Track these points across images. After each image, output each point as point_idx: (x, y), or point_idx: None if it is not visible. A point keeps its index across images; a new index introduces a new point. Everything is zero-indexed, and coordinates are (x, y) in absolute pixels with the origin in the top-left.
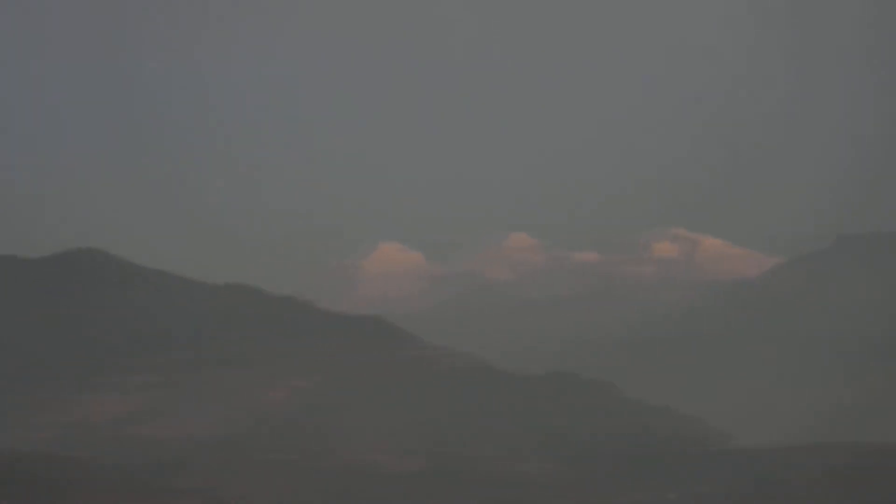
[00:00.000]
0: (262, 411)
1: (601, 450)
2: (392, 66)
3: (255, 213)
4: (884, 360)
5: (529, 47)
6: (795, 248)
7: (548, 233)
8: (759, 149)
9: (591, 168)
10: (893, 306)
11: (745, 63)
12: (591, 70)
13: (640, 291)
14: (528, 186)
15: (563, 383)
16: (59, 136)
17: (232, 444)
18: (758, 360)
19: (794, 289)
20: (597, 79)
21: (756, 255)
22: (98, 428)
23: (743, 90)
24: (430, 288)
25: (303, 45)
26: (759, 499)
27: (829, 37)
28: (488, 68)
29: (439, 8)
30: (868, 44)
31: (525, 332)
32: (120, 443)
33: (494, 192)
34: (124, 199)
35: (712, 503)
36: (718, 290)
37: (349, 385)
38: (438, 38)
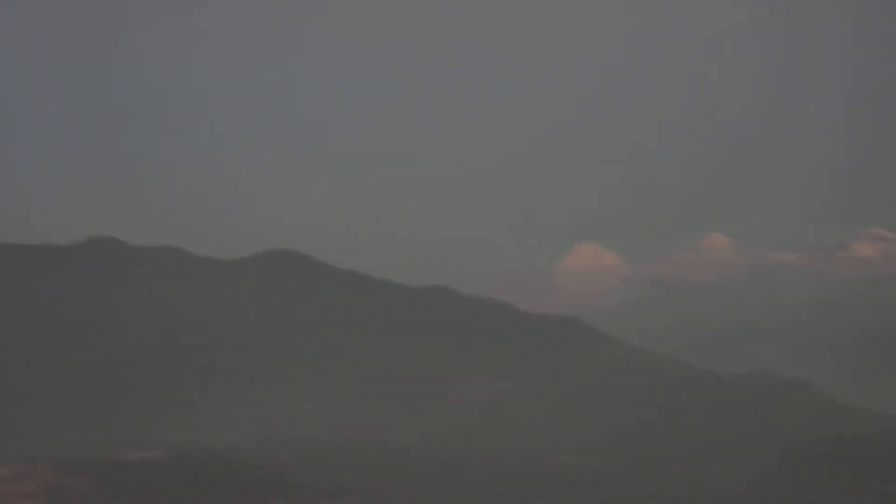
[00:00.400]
0: (461, 413)
1: (797, 449)
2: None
3: (448, 213)
4: None
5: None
6: None
7: (745, 233)
8: None
9: (776, 167)
10: None
11: None
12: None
13: (839, 291)
14: (723, 186)
15: (760, 382)
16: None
17: (429, 446)
18: None
19: None
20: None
21: None
22: (294, 430)
23: None
24: (627, 289)
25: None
26: None
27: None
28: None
29: None
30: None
31: (722, 333)
32: (313, 445)
33: (690, 192)
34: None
35: None
36: None
37: (547, 387)
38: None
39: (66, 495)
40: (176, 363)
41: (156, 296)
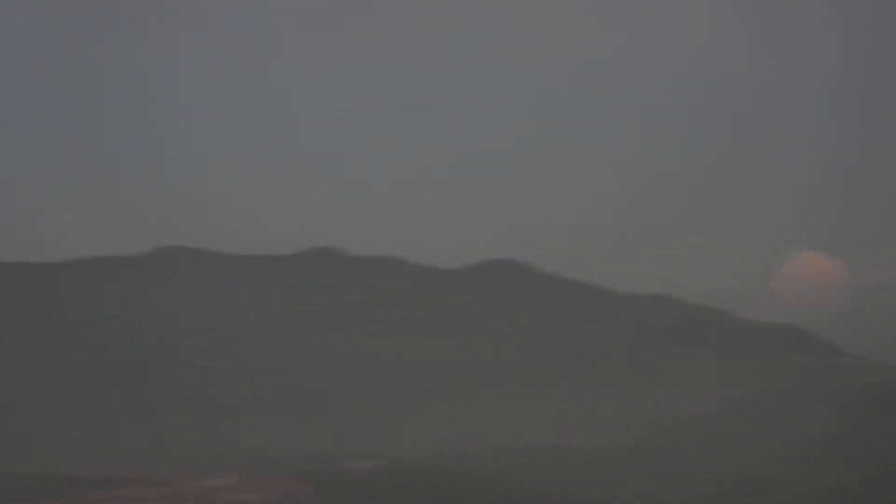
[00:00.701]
0: (682, 421)
1: None
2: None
3: (675, 218)
4: None
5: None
6: None
7: None
8: None
9: None
10: None
11: None
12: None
13: None
14: None
15: None
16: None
17: (650, 453)
18: None
19: None
20: None
21: None
22: (517, 440)
23: None
24: (850, 297)
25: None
26: None
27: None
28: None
29: None
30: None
31: None
32: (536, 455)
33: None
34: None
35: None
36: None
37: (769, 395)
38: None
39: None
40: (395, 373)
41: (374, 303)
